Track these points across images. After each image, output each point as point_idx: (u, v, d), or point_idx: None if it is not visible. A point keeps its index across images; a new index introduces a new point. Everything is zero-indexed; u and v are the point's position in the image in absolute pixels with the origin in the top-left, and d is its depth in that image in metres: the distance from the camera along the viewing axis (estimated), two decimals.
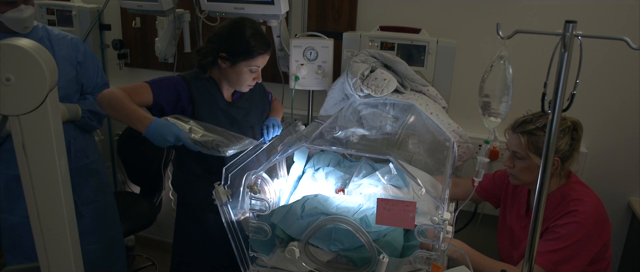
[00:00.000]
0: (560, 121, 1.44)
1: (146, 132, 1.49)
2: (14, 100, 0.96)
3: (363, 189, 1.65)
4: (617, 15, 1.98)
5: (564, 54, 0.94)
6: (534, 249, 1.12)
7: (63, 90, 1.91)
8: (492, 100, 1.14)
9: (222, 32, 1.70)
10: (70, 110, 1.90)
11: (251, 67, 1.71)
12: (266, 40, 1.72)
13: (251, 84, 1.76)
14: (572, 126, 1.54)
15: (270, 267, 1.45)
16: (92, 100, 1.99)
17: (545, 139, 1.06)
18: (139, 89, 1.62)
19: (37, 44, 0.99)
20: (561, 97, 0.98)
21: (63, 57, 1.92)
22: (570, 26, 0.92)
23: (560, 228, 1.49)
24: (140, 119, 1.51)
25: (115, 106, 1.54)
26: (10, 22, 1.79)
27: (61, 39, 1.95)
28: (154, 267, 2.98)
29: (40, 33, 1.91)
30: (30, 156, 1.01)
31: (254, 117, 1.86)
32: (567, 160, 1.55)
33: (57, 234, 1.08)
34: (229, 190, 1.49)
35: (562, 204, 1.54)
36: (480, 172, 1.30)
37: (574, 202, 1.51)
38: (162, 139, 1.50)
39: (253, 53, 1.68)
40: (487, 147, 1.27)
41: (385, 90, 1.87)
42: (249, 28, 1.69)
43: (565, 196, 1.55)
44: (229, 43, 1.67)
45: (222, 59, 1.69)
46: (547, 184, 1.10)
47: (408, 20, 2.23)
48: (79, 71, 1.96)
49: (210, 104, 1.72)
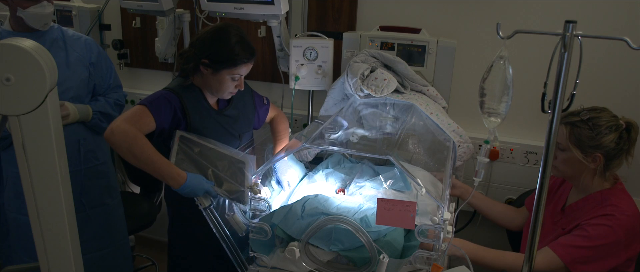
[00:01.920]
0: (609, 117, 1.48)
1: (179, 189, 1.48)
2: (14, 100, 0.96)
3: (364, 191, 1.65)
4: (617, 15, 1.98)
5: (564, 54, 0.94)
6: (534, 249, 1.11)
7: (75, 91, 1.92)
8: (492, 100, 1.14)
9: (205, 38, 1.64)
10: (81, 111, 1.90)
11: (234, 75, 1.65)
12: (250, 48, 1.67)
13: (233, 91, 1.71)
14: (625, 126, 1.48)
15: (270, 267, 1.45)
16: (103, 102, 2.00)
17: (546, 137, 1.05)
18: (141, 117, 1.56)
19: (37, 44, 0.99)
20: (561, 97, 0.98)
21: (76, 59, 1.93)
22: (570, 26, 0.92)
23: (590, 228, 1.46)
24: (173, 176, 1.48)
25: (137, 154, 1.48)
26: (31, 18, 1.79)
27: (75, 40, 1.95)
28: (154, 267, 2.98)
29: (56, 33, 1.92)
30: (30, 156, 1.01)
31: (242, 125, 1.83)
32: (612, 160, 1.49)
33: (57, 234, 1.08)
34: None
35: (600, 206, 1.50)
36: (480, 172, 1.29)
37: (612, 207, 1.47)
38: (192, 194, 1.50)
39: (237, 61, 1.62)
40: (487, 147, 1.27)
41: (385, 90, 1.87)
42: (234, 35, 1.63)
43: (606, 199, 1.51)
44: (212, 50, 1.62)
45: (204, 66, 1.64)
46: (547, 183, 1.09)
47: (408, 20, 2.23)
48: (91, 72, 1.97)
49: (202, 114, 1.69)
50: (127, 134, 1.49)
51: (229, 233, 1.50)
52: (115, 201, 2.14)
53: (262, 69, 2.58)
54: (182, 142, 1.61)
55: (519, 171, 2.20)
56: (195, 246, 1.78)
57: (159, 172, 1.50)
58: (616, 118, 1.49)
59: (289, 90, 2.25)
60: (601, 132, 1.46)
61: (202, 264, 1.80)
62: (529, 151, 2.18)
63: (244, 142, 1.83)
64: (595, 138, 1.46)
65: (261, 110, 1.94)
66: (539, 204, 1.08)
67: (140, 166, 1.51)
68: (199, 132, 1.66)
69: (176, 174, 1.49)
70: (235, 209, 1.57)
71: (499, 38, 1.04)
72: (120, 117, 1.53)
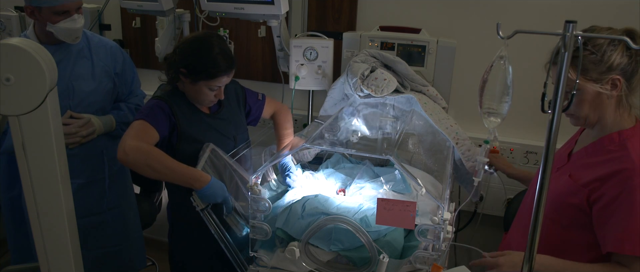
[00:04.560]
0: (605, 32, 1.22)
1: (201, 190, 1.48)
2: (14, 100, 0.96)
3: (364, 191, 1.65)
4: (617, 15, 1.98)
5: (564, 54, 0.94)
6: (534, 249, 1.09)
7: (100, 103, 1.92)
8: (492, 100, 1.13)
9: (186, 47, 1.63)
10: (106, 124, 1.91)
11: (211, 86, 1.64)
12: (230, 61, 1.64)
13: (213, 101, 1.71)
14: (625, 33, 1.20)
15: (270, 267, 1.45)
16: (126, 111, 2.01)
17: (546, 139, 1.01)
18: (145, 132, 1.57)
19: (37, 44, 0.99)
20: (561, 97, 0.97)
21: (102, 69, 1.92)
22: (570, 26, 0.92)
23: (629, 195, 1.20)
24: (196, 177, 1.49)
25: (156, 167, 1.49)
26: (62, 33, 1.74)
27: (100, 48, 1.94)
28: (154, 267, 2.98)
29: (82, 42, 1.89)
30: (30, 156, 1.01)
31: (235, 127, 1.82)
32: (633, 77, 1.23)
33: (57, 234, 1.08)
34: None
35: (616, 159, 1.24)
36: (480, 172, 1.29)
37: (627, 161, 1.22)
38: (212, 198, 1.50)
39: (215, 74, 1.61)
40: (487, 147, 1.26)
41: (385, 90, 1.87)
42: (216, 46, 1.61)
43: (623, 146, 1.26)
44: (191, 60, 1.60)
45: (183, 75, 1.63)
46: (547, 184, 1.04)
47: (408, 20, 2.23)
48: (116, 83, 1.98)
49: (191, 119, 1.69)
50: (140, 151, 1.50)
51: (228, 234, 1.50)
52: (130, 199, 2.20)
53: (262, 69, 2.58)
54: (212, 154, 1.65)
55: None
56: (197, 250, 1.78)
57: (181, 177, 1.50)
58: (612, 29, 1.26)
59: (289, 90, 2.25)
60: (605, 50, 1.23)
61: (204, 268, 1.80)
62: (529, 151, 2.18)
63: (239, 143, 1.83)
64: (603, 60, 1.23)
65: (255, 107, 1.93)
66: (539, 203, 1.06)
67: (161, 178, 1.53)
68: (190, 136, 1.67)
69: (199, 175, 1.50)
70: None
71: (499, 38, 1.03)
72: (126, 136, 1.53)
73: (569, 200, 1.32)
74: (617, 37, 1.17)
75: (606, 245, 1.25)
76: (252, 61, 2.58)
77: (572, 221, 1.33)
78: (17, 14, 2.53)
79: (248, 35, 2.55)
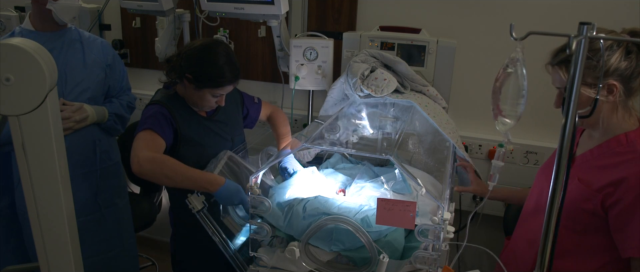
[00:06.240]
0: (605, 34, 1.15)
1: (217, 192, 1.49)
2: (13, 100, 0.96)
3: (364, 192, 1.65)
4: (617, 15, 1.98)
5: (578, 57, 0.88)
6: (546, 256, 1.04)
7: (92, 91, 1.94)
8: (506, 103, 1.09)
9: (193, 54, 1.62)
10: (98, 113, 1.92)
11: (215, 94, 1.65)
12: (236, 71, 1.65)
13: (213, 106, 1.72)
14: (630, 34, 1.16)
15: (270, 267, 1.45)
16: (117, 104, 2.02)
17: (559, 142, 0.92)
18: (154, 141, 1.58)
19: (37, 44, 0.99)
20: (575, 98, 0.91)
21: (93, 60, 1.95)
22: (584, 28, 0.88)
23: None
24: (211, 181, 1.49)
25: (171, 175, 1.50)
26: (62, 10, 1.80)
27: (92, 42, 1.98)
28: (154, 267, 2.98)
29: (74, 35, 1.94)
30: (30, 156, 1.01)
31: (232, 128, 1.84)
32: (631, 81, 1.18)
33: (57, 234, 1.08)
34: (203, 196, 1.51)
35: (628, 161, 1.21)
36: (495, 176, 1.27)
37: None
38: (229, 201, 1.51)
39: (221, 83, 1.62)
40: (502, 150, 1.23)
41: (385, 90, 1.87)
42: (222, 55, 1.62)
43: (632, 146, 1.23)
44: (198, 67, 1.61)
45: (188, 80, 1.63)
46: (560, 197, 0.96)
47: (408, 20, 2.23)
48: (107, 74, 1.99)
49: (190, 122, 1.70)
50: (154, 161, 1.51)
51: (226, 235, 1.50)
52: (124, 200, 2.17)
53: (262, 69, 2.58)
54: (230, 160, 1.66)
55: (519, 171, 2.20)
56: (199, 253, 1.78)
57: (196, 182, 1.50)
58: (613, 32, 1.20)
59: (289, 90, 2.25)
60: (602, 55, 1.17)
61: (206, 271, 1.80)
62: (529, 151, 2.18)
63: (236, 144, 1.84)
64: (598, 64, 1.17)
65: (252, 109, 1.96)
66: (551, 211, 0.99)
67: (176, 185, 1.52)
68: (191, 139, 1.68)
69: (214, 178, 1.51)
70: (230, 210, 1.58)
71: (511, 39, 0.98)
72: (136, 148, 1.54)
73: (583, 206, 1.28)
74: (622, 39, 1.14)
75: (626, 250, 1.23)
76: (252, 61, 2.58)
77: (586, 225, 1.30)
78: (17, 14, 2.53)
79: (248, 35, 2.55)
